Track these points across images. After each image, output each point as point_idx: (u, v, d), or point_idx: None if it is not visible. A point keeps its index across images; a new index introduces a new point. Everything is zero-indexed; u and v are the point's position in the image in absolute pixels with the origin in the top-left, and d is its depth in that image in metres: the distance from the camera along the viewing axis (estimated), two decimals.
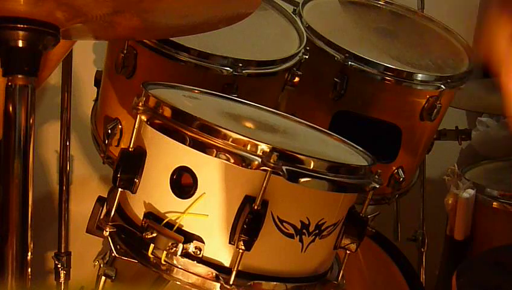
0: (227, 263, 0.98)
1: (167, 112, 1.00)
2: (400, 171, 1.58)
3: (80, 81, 1.80)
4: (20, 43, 0.92)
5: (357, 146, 1.17)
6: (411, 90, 1.50)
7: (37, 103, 0.94)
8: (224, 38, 1.36)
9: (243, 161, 0.94)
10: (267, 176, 0.93)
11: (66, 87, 1.69)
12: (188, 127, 0.97)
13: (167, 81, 1.16)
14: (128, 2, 0.95)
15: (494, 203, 1.66)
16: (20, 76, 0.92)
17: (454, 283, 1.18)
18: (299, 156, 0.96)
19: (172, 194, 0.98)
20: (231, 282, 0.97)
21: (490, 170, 1.86)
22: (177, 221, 0.98)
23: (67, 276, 1.70)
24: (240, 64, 1.30)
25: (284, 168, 0.94)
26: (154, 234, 0.97)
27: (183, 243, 0.96)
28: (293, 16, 1.56)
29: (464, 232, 1.68)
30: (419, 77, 1.49)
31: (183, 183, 0.98)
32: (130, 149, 1.03)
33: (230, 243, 0.97)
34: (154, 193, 1.01)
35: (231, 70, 1.30)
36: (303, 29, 1.51)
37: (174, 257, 0.98)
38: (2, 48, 0.92)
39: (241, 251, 0.95)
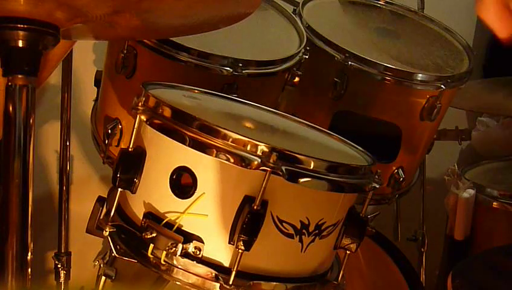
0: (226, 263, 0.98)
1: (167, 112, 1.00)
2: (400, 171, 1.58)
3: (80, 81, 1.80)
4: (20, 43, 0.92)
5: (357, 146, 1.17)
6: (411, 90, 1.50)
7: (37, 103, 0.94)
8: (224, 38, 1.35)
9: (243, 161, 0.94)
10: (267, 176, 0.93)
11: (66, 87, 1.69)
12: (188, 127, 0.97)
13: (167, 81, 1.16)
14: (128, 2, 0.95)
15: (494, 203, 1.66)
16: (20, 76, 0.92)
17: (450, 284, 1.18)
18: (298, 156, 0.96)
19: (172, 194, 0.98)
20: (231, 282, 0.97)
21: (490, 170, 1.86)
22: (176, 221, 0.98)
23: (67, 276, 1.70)
24: (240, 64, 1.30)
25: (283, 168, 0.94)
26: (154, 234, 0.97)
27: (183, 243, 0.96)
28: (293, 16, 1.56)
29: (464, 232, 1.68)
30: (419, 77, 1.49)
31: (183, 183, 0.98)
32: (130, 149, 1.03)
33: (229, 243, 0.97)
34: (153, 193, 1.01)
35: (231, 70, 1.30)
36: (303, 29, 1.51)
37: (174, 257, 0.98)
38: (2, 48, 0.92)
39: (240, 251, 0.95)
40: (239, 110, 1.21)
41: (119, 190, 1.03)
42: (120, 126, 1.38)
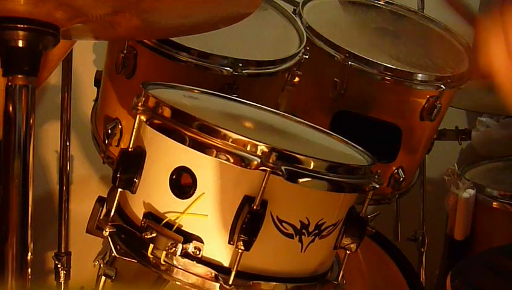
0: (226, 263, 0.98)
1: (167, 112, 1.00)
2: (400, 171, 1.58)
3: (80, 81, 1.80)
4: (20, 43, 0.91)
5: (357, 146, 1.17)
6: (411, 90, 1.50)
7: (37, 103, 0.94)
8: (224, 38, 1.36)
9: (242, 161, 0.94)
10: (266, 176, 0.93)
11: (66, 87, 1.69)
12: (188, 127, 0.97)
13: (167, 81, 1.16)
14: (128, 2, 0.95)
15: (494, 203, 1.66)
16: (20, 76, 0.92)
17: (449, 284, 1.18)
18: (298, 156, 0.96)
19: (172, 194, 0.98)
20: (230, 282, 0.97)
21: (490, 170, 1.86)
22: (176, 221, 0.98)
23: (67, 276, 1.70)
24: (240, 64, 1.30)
25: (283, 168, 0.94)
26: (154, 234, 0.97)
27: (183, 243, 0.96)
28: (293, 16, 1.56)
29: (464, 232, 1.68)
30: (419, 77, 1.49)
31: (183, 184, 0.99)
32: (130, 149, 1.03)
33: (229, 243, 0.97)
34: (153, 193, 1.01)
35: (231, 70, 1.30)
36: (303, 29, 1.51)
37: (174, 257, 0.98)
38: (2, 48, 0.92)
39: (240, 251, 0.95)
40: (239, 110, 1.21)
41: (119, 190, 1.03)
42: (120, 126, 1.38)
